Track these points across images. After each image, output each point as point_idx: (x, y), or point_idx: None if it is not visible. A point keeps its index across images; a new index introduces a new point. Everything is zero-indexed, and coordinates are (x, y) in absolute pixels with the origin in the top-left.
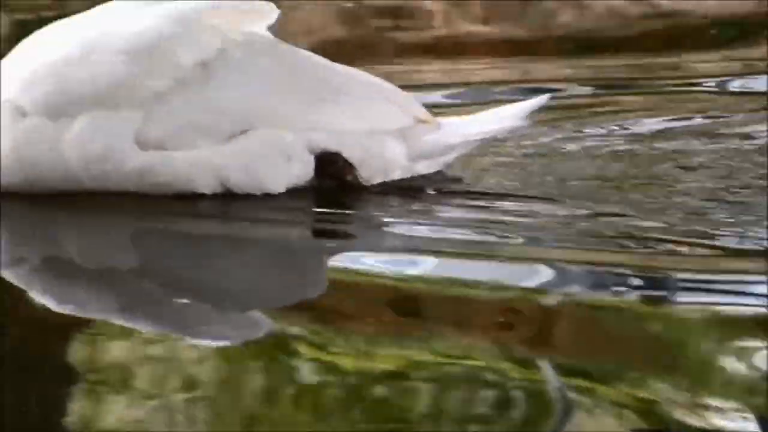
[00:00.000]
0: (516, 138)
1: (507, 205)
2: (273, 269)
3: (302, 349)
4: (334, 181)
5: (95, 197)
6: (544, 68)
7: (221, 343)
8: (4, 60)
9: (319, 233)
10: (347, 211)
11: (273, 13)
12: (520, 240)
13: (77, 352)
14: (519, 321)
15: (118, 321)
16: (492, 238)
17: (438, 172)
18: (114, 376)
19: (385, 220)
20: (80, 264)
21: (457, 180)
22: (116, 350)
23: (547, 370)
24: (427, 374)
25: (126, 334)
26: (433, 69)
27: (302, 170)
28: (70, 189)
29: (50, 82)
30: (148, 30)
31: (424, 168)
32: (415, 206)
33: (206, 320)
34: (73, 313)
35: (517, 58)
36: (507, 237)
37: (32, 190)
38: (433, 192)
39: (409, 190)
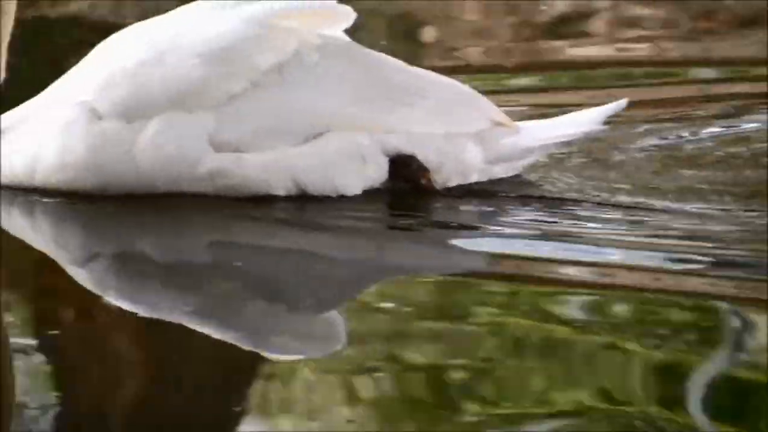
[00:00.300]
0: (594, 141)
1: (582, 212)
2: (346, 272)
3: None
4: (408, 184)
5: (169, 198)
6: None
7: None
8: (81, 63)
9: (392, 237)
10: (421, 214)
11: (350, 16)
12: (598, 248)
13: (153, 349)
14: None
15: (193, 322)
16: (577, 248)
17: (516, 176)
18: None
19: (461, 225)
20: (155, 264)
21: (534, 184)
22: (188, 350)
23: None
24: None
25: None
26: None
27: (377, 172)
28: (144, 191)
29: (126, 85)
30: (224, 33)
31: (501, 171)
32: (491, 210)
33: (284, 321)
34: (147, 313)
35: None
36: (591, 245)
37: (106, 191)
38: (509, 196)
39: (485, 194)
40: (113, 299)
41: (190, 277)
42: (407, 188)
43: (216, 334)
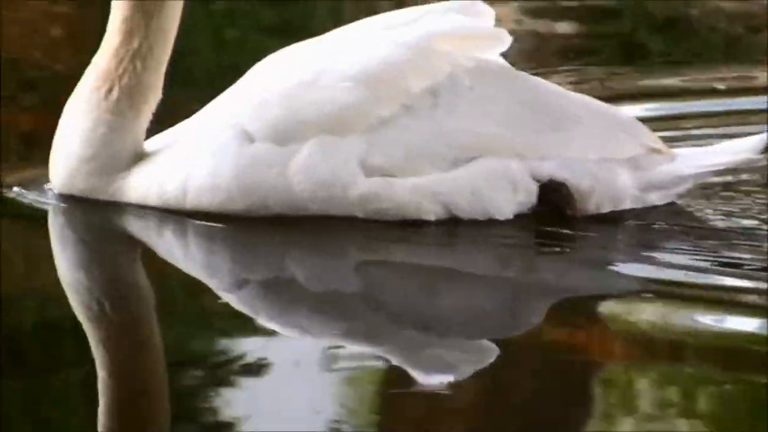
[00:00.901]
0: (751, 170)
1: (737, 241)
2: (496, 298)
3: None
4: (553, 210)
5: (319, 221)
6: None
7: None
8: (234, 86)
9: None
10: (572, 238)
11: (506, 40)
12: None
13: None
14: None
15: (345, 347)
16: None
17: (670, 203)
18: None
19: (613, 249)
20: (304, 289)
21: (689, 212)
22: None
23: None
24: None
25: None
26: None
27: (527, 198)
28: (295, 213)
29: (278, 108)
30: (377, 56)
31: (656, 199)
32: (644, 237)
33: (434, 348)
34: (297, 337)
35: None
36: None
37: (257, 214)
38: (663, 223)
39: (638, 220)
40: (264, 323)
41: (339, 302)
42: (555, 212)
43: (368, 360)
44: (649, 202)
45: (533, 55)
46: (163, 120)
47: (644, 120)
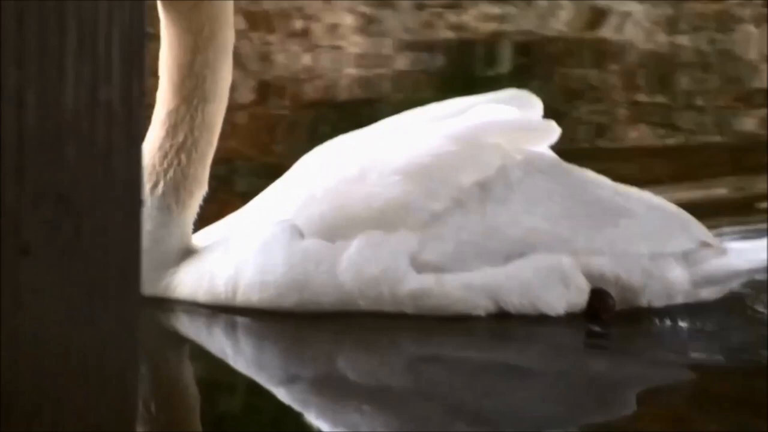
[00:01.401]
0: None
1: None
2: (549, 393)
3: None
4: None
5: (369, 316)
6: None
7: None
8: (280, 180)
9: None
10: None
11: (555, 132)
12: None
13: None
14: None
15: None
16: None
17: (722, 299)
18: None
19: (665, 344)
20: (355, 384)
21: (742, 307)
22: None
23: None
24: None
25: None
26: None
27: (579, 296)
28: (344, 310)
29: (327, 204)
30: (427, 149)
31: (708, 294)
32: (697, 333)
33: None
34: None
35: None
36: None
37: (306, 310)
38: (716, 319)
39: (690, 316)
40: (314, 420)
41: (391, 398)
42: (605, 305)
43: None
44: (702, 298)
45: None
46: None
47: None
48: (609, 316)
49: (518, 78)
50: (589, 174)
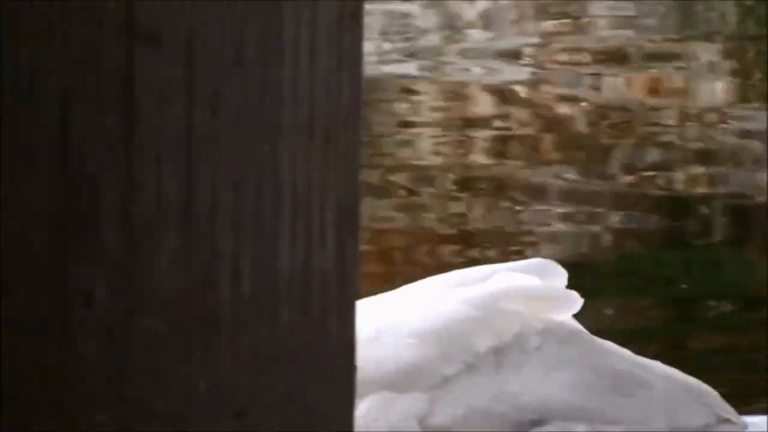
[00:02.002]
0: None
1: None
2: None
3: None
4: None
5: None
6: None
7: None
8: None
9: None
10: None
11: (577, 302)
12: None
13: None
14: None
15: None
16: None
17: None
18: None
19: None
20: None
21: None
22: None
23: None
24: None
25: None
26: None
27: None
28: None
29: None
30: (444, 314)
31: None
32: None
33: None
34: None
35: None
36: None
37: None
38: None
39: None
40: None
41: None
42: None
43: None
44: None
45: None
46: None
47: None
48: None
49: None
50: (609, 345)
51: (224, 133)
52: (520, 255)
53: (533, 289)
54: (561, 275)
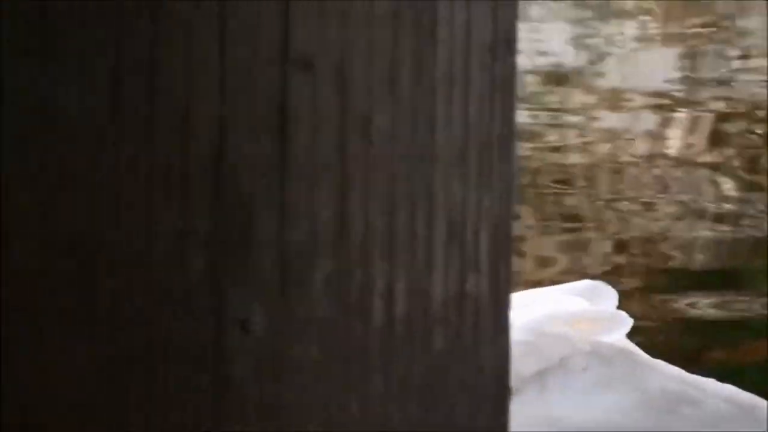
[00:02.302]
0: None
1: None
2: None
3: None
4: None
5: None
6: None
7: None
8: None
9: None
10: None
11: (627, 323)
12: None
13: None
14: None
15: None
16: None
17: None
18: None
19: None
20: None
21: None
22: None
23: None
24: None
25: None
26: None
27: None
28: None
29: None
30: None
31: None
32: None
33: None
34: None
35: None
36: None
37: None
38: None
39: None
40: None
41: None
42: None
43: None
44: None
45: None
46: None
47: None
48: None
49: None
50: (659, 363)
51: (377, 158)
52: None
53: (582, 311)
54: (611, 296)
